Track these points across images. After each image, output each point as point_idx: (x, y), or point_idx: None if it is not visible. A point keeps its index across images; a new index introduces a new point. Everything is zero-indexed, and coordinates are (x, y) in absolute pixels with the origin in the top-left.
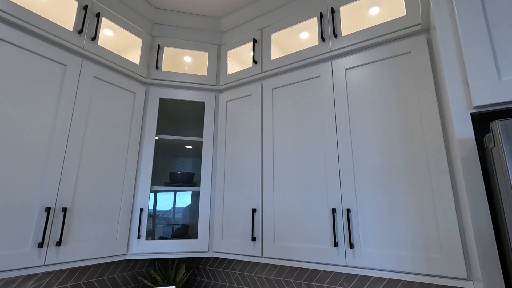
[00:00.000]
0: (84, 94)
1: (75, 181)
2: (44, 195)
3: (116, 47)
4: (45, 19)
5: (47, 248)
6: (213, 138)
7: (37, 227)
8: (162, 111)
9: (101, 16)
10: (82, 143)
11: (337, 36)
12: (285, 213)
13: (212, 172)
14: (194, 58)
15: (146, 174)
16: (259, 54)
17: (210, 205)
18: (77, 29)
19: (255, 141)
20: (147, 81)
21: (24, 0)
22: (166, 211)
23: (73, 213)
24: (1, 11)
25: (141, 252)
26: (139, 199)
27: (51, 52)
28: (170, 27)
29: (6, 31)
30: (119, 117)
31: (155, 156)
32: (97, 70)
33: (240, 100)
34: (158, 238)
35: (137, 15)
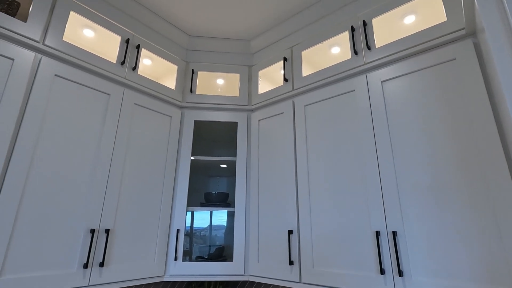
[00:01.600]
0: (126, 120)
1: (117, 203)
2: (89, 217)
3: (154, 74)
4: (93, 54)
5: (91, 269)
6: (246, 158)
7: (83, 248)
8: (197, 133)
9: (141, 47)
10: (123, 166)
11: (370, 48)
12: (323, 235)
13: (246, 192)
14: (226, 80)
15: (182, 195)
16: (290, 72)
17: (245, 226)
18: (120, 61)
19: (289, 159)
20: (183, 105)
21: (75, 39)
22: (203, 228)
23: (114, 235)
24: (57, 50)
25: (178, 274)
26: (175, 220)
27: (98, 83)
28: (203, 52)
29: (61, 68)
30: (157, 140)
31: (191, 176)
32: (137, 97)
33: (272, 118)
34: (196, 257)
35: (173, 44)
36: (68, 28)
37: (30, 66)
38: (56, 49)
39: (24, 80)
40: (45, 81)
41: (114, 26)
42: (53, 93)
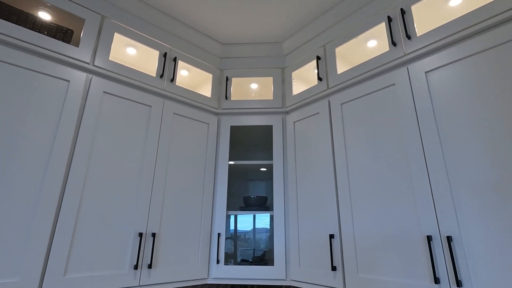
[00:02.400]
0: (166, 129)
1: (161, 208)
2: (138, 222)
3: (191, 84)
4: (135, 70)
5: (141, 270)
6: (283, 161)
7: (133, 251)
8: (234, 138)
9: (177, 59)
10: (165, 173)
11: (410, 37)
12: (367, 239)
13: (284, 195)
14: (260, 84)
15: (221, 200)
16: (324, 71)
17: (285, 230)
18: (159, 74)
19: (327, 160)
20: (219, 111)
21: (119, 57)
22: (247, 231)
23: (160, 238)
24: (105, 69)
25: (220, 277)
26: (216, 224)
27: (140, 96)
28: (236, 59)
29: (108, 85)
30: (196, 147)
31: (230, 181)
32: (176, 107)
33: (307, 119)
34: (240, 261)
35: (207, 53)
36: (113, 48)
37: (82, 86)
38: (104, 68)
39: (78, 98)
40: (95, 98)
41: (152, 42)
42: (102, 108)
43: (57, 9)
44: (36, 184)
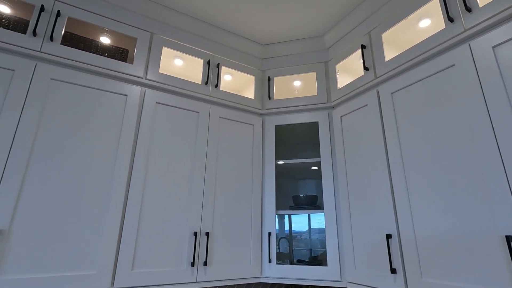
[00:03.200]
0: (213, 133)
1: (213, 208)
2: (192, 221)
3: (235, 87)
4: (182, 79)
5: (197, 267)
6: (331, 157)
7: (189, 249)
8: (279, 137)
9: (220, 65)
10: (215, 175)
11: (471, 10)
12: (431, 240)
13: (334, 194)
14: (303, 80)
15: (270, 199)
16: (370, 59)
17: (337, 230)
18: (204, 81)
19: (379, 155)
20: (263, 112)
21: (167, 68)
22: (303, 232)
23: (213, 237)
24: (156, 82)
25: (273, 276)
26: (266, 224)
27: (188, 103)
28: (277, 58)
29: (160, 96)
30: (242, 148)
31: (278, 180)
32: (221, 111)
33: (355, 113)
34: (297, 261)
35: (248, 56)
36: (162, 61)
37: (138, 98)
38: (155, 81)
39: (135, 110)
40: (149, 108)
41: (196, 51)
42: (155, 117)
43: (114, 32)
44: (105, 190)
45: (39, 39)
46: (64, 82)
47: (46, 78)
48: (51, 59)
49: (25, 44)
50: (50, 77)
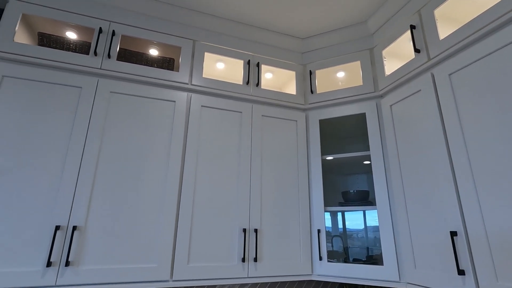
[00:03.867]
0: (257, 131)
1: (260, 205)
2: (241, 219)
3: (276, 84)
4: (225, 82)
5: (248, 263)
6: (382, 150)
7: (239, 245)
8: (325, 132)
9: (260, 64)
10: (260, 172)
11: None
12: (506, 238)
13: (387, 188)
14: (347, 71)
15: (318, 196)
16: (421, 40)
17: (393, 227)
18: (245, 81)
19: (437, 144)
20: (305, 107)
21: (210, 73)
22: (359, 230)
23: (262, 234)
24: (200, 86)
25: (324, 274)
26: (314, 220)
27: (231, 104)
28: (318, 51)
29: (204, 99)
30: (286, 145)
31: (326, 176)
32: (263, 109)
33: (407, 100)
34: (353, 260)
35: (288, 52)
36: (205, 66)
37: (185, 104)
38: (200, 85)
39: (183, 114)
40: (196, 112)
41: (236, 53)
42: (202, 120)
43: (161, 44)
44: (160, 190)
45: (99, 57)
46: (121, 94)
47: (107, 92)
48: (110, 74)
49: (88, 64)
50: (110, 90)
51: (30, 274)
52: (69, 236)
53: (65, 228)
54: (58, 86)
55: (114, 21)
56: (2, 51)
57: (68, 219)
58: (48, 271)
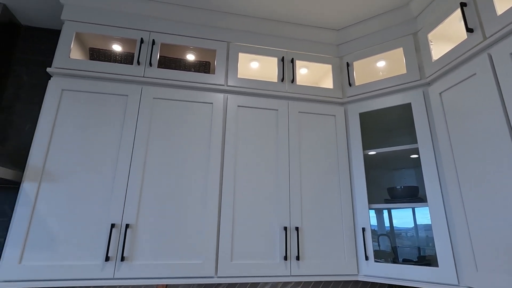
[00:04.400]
0: (294, 128)
1: (300, 203)
2: (281, 216)
3: (312, 79)
4: (259, 81)
5: (290, 261)
6: (432, 141)
7: (280, 243)
8: (366, 125)
9: (295, 60)
10: (299, 170)
11: None
12: None
13: (440, 184)
14: (387, 59)
15: (360, 192)
16: (475, 18)
17: (448, 225)
18: (280, 78)
19: (499, 132)
20: (344, 101)
21: (245, 72)
22: (408, 229)
23: (303, 232)
24: (236, 87)
25: (372, 275)
26: (358, 218)
27: (267, 102)
28: (354, 41)
29: (240, 99)
30: (324, 141)
31: (369, 172)
32: (300, 105)
33: (459, 86)
34: (403, 260)
35: (322, 45)
36: (240, 66)
37: (222, 105)
38: (235, 86)
39: (220, 115)
40: (232, 112)
41: (270, 50)
42: (238, 119)
43: (196, 48)
44: (202, 190)
45: (142, 66)
46: (163, 99)
47: (150, 98)
48: (152, 82)
49: (133, 73)
50: (153, 96)
51: (92, 267)
52: (123, 233)
53: (119, 226)
54: (108, 96)
55: (153, 30)
56: (60, 68)
57: (122, 217)
58: (106, 265)
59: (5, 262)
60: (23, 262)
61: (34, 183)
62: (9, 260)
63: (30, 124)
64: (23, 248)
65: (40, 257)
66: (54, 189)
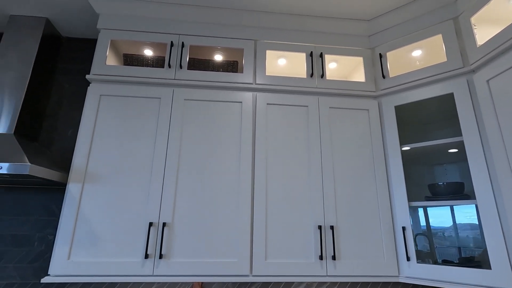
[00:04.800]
0: (325, 125)
1: (334, 200)
2: (315, 215)
3: (342, 73)
4: (288, 77)
5: (326, 261)
6: (479, 134)
7: (315, 242)
8: (402, 119)
9: (324, 54)
10: (332, 166)
11: None
12: None
13: (490, 179)
14: (424, 48)
15: (399, 189)
16: None
17: (501, 224)
18: (309, 74)
19: None
20: (377, 94)
21: (273, 69)
22: (445, 228)
23: (338, 231)
24: (264, 84)
25: (414, 277)
26: (397, 217)
27: (296, 99)
28: (387, 31)
29: (269, 97)
30: (358, 137)
31: (408, 168)
32: (330, 101)
33: (509, 72)
34: (442, 261)
35: (353, 37)
36: (267, 64)
37: (251, 103)
38: (264, 84)
39: (249, 114)
40: (262, 110)
41: (297, 46)
42: (268, 117)
43: (224, 48)
44: (234, 189)
45: (173, 69)
46: (193, 100)
47: (181, 100)
48: (183, 83)
49: (164, 76)
50: (184, 98)
51: (132, 264)
52: (160, 232)
53: (156, 224)
54: (142, 99)
55: (182, 33)
56: (98, 74)
57: (158, 216)
58: (146, 262)
59: (56, 258)
60: (71, 258)
61: (78, 184)
62: (60, 256)
63: (72, 129)
64: (71, 245)
65: (85, 253)
66: (96, 190)
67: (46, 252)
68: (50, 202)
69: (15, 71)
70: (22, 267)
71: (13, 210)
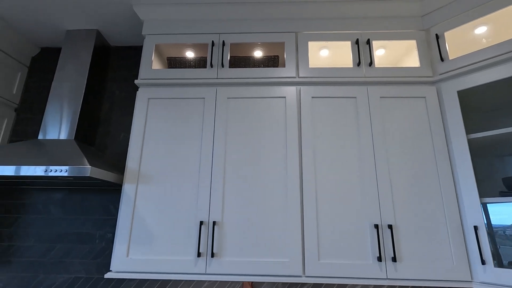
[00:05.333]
0: (376, 115)
1: (391, 197)
2: (370, 213)
3: (392, 60)
4: (332, 68)
5: (385, 263)
6: None
7: (372, 242)
8: (467, 105)
9: (371, 40)
10: (387, 160)
11: None
12: None
13: None
14: (491, 23)
15: (467, 184)
16: None
17: None
18: (356, 63)
19: None
20: (435, 79)
21: (316, 61)
22: (506, 226)
23: (398, 231)
24: (308, 77)
25: (492, 283)
26: (467, 215)
27: (342, 91)
28: (443, 9)
29: (314, 90)
30: (414, 127)
31: (475, 160)
32: (381, 90)
33: None
34: (508, 263)
35: (403, 19)
36: (310, 56)
37: (295, 98)
38: (307, 77)
39: (294, 109)
40: (307, 104)
41: (341, 35)
42: (314, 111)
43: (264, 43)
44: (282, 186)
45: (215, 68)
46: (237, 98)
47: (224, 98)
48: (225, 82)
49: (207, 76)
50: (227, 96)
51: (186, 262)
52: (211, 230)
53: (207, 223)
54: (187, 100)
55: (222, 32)
56: (146, 78)
57: (208, 215)
58: (198, 260)
59: (117, 255)
60: (130, 255)
61: (133, 185)
62: (120, 253)
63: (124, 132)
64: (129, 243)
65: (142, 251)
66: (149, 190)
67: (106, 249)
68: (108, 202)
69: (72, 81)
70: (87, 262)
71: (76, 210)
